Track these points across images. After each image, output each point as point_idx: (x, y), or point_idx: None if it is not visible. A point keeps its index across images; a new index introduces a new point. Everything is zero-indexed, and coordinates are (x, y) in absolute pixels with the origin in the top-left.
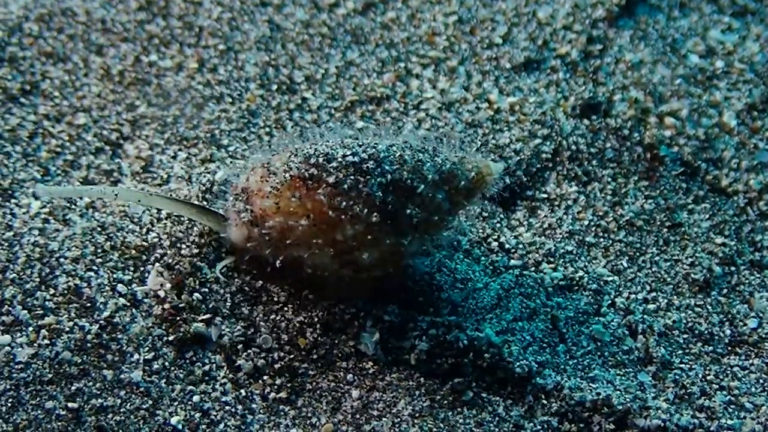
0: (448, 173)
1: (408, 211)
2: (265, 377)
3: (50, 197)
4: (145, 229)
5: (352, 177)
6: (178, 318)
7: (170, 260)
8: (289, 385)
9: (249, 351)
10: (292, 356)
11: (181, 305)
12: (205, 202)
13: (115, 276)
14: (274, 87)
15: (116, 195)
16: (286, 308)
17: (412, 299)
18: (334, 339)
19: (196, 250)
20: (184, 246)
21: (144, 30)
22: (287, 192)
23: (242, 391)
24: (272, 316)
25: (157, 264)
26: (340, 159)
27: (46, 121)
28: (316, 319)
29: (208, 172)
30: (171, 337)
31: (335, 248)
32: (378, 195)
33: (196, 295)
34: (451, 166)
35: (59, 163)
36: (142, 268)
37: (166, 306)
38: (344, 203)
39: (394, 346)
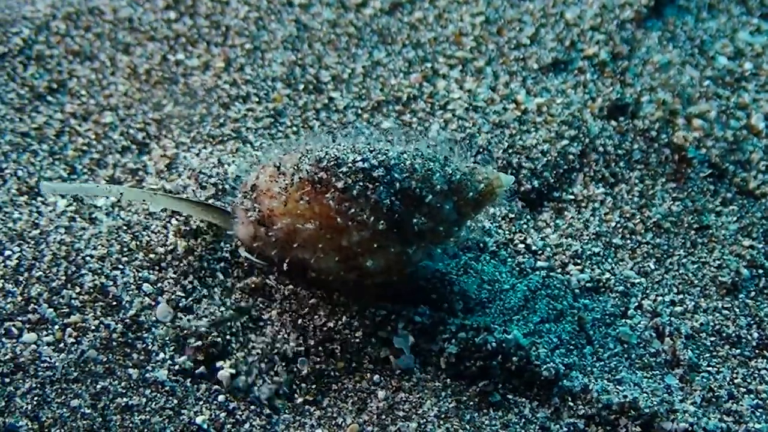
0: (457, 184)
1: (415, 220)
2: (291, 378)
3: (54, 194)
4: (162, 235)
5: (361, 183)
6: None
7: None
8: (314, 385)
9: (276, 353)
10: (319, 359)
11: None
12: (213, 199)
13: (140, 275)
14: (301, 86)
15: (121, 194)
16: (315, 312)
17: (425, 297)
18: (365, 344)
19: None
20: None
21: (171, 29)
22: (295, 194)
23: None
24: (300, 321)
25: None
26: (350, 164)
27: (72, 120)
28: (349, 323)
29: (222, 164)
30: (198, 343)
31: (340, 253)
32: (386, 203)
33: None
34: (461, 176)
35: (86, 162)
36: (165, 270)
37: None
38: (352, 209)
39: (424, 350)
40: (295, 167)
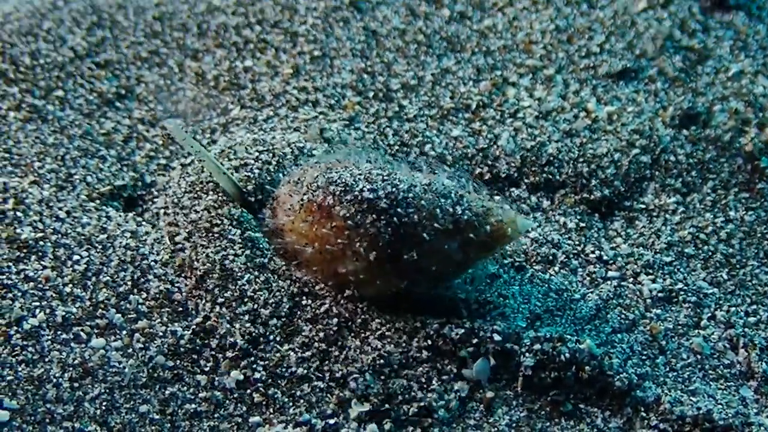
0: (465, 224)
1: (406, 257)
2: (360, 388)
3: (172, 135)
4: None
5: (362, 214)
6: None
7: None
8: (382, 395)
9: (344, 371)
10: (388, 377)
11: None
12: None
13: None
14: (371, 94)
15: (197, 152)
16: (388, 333)
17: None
18: (440, 365)
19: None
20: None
21: (239, 35)
22: (302, 214)
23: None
24: (374, 355)
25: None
26: (356, 192)
27: (140, 126)
28: (422, 343)
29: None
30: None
31: (336, 279)
32: (383, 237)
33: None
34: (470, 217)
35: (153, 168)
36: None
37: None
38: (349, 239)
39: (502, 371)
40: (309, 186)
